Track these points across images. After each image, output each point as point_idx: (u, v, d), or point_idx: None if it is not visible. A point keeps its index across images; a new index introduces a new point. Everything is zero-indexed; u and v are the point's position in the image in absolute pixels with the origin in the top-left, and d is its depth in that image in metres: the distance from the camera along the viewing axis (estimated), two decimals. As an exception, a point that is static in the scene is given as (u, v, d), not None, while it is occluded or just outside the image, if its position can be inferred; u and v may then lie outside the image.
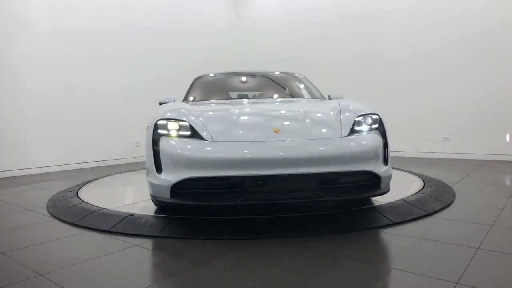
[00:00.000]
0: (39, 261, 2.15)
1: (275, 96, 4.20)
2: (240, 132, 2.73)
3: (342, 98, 3.89)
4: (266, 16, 8.90)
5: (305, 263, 2.05)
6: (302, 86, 4.31)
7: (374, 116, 2.93)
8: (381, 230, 2.54)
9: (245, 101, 3.88)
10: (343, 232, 2.52)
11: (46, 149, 5.97)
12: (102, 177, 5.07)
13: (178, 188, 2.56)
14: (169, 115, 2.86)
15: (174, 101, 3.91)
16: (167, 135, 2.73)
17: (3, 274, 1.99)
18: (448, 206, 3.16)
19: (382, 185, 2.71)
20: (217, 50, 8.76)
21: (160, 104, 3.75)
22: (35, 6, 5.84)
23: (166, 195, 2.59)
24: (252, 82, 4.48)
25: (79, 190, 4.01)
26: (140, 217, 2.88)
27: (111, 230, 2.66)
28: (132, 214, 2.91)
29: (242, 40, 9.26)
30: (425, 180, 4.05)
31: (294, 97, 4.12)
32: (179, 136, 2.72)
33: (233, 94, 4.23)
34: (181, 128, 2.75)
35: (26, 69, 5.76)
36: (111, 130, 6.73)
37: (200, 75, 4.54)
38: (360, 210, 2.92)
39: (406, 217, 2.78)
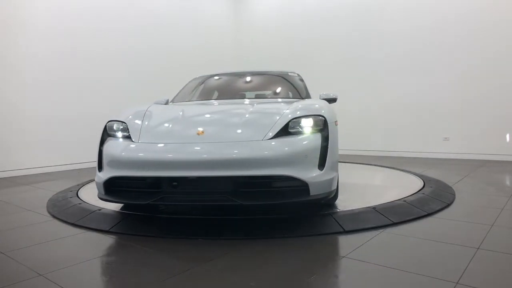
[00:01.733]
0: (39, 261, 2.15)
1: (254, 96, 4.18)
2: (167, 133, 2.78)
3: (336, 98, 3.89)
4: (266, 16, 8.90)
5: (305, 263, 2.05)
6: (286, 86, 4.23)
7: (318, 118, 2.73)
8: (381, 230, 2.54)
9: (209, 101, 3.82)
10: (343, 232, 2.52)
11: (46, 149, 5.97)
12: (102, 177, 5.06)
13: (110, 186, 2.71)
14: (116, 116, 3.01)
15: (167, 102, 4.00)
16: (113, 136, 2.89)
17: (3, 274, 1.99)
18: (448, 206, 3.16)
19: (312, 191, 2.51)
20: (217, 50, 8.75)
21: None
22: (35, 6, 5.83)
23: (102, 191, 2.75)
24: (239, 83, 4.44)
25: (79, 190, 4.01)
26: (140, 217, 2.88)
27: (111, 230, 2.66)
28: (131, 214, 2.91)
29: (242, 40, 9.26)
30: (425, 180, 4.05)
31: (268, 97, 4.07)
32: (123, 137, 2.85)
33: (216, 95, 4.24)
34: (122, 129, 2.89)
35: (26, 69, 5.76)
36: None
37: (198, 75, 4.57)
38: (360, 210, 2.92)
39: (406, 217, 2.78)
